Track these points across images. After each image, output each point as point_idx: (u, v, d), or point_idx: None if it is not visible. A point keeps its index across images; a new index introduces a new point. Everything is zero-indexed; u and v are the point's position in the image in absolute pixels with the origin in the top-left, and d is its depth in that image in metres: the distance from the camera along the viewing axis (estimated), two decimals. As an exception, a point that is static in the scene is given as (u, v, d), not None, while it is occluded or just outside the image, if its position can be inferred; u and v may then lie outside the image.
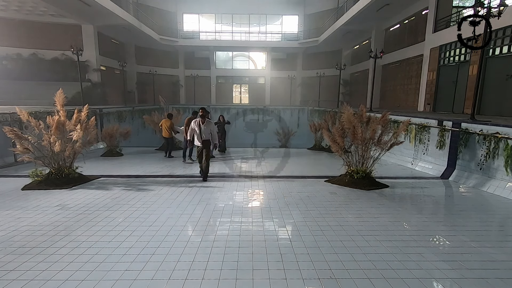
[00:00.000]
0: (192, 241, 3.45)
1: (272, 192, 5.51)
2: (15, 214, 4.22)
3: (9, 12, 18.00)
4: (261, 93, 29.36)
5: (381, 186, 5.86)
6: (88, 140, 6.38)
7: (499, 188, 5.42)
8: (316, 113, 19.30)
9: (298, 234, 3.69)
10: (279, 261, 3.01)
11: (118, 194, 5.24)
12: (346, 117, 5.88)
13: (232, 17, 28.20)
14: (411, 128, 8.03)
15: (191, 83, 27.97)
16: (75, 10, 16.75)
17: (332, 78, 24.29)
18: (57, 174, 5.76)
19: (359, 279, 2.70)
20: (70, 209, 4.46)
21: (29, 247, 3.26)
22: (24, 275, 2.71)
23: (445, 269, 2.89)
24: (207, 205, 4.73)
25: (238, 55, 30.10)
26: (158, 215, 4.25)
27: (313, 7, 26.69)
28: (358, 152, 5.97)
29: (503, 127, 5.51)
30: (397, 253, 3.20)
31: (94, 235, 3.58)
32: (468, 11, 12.17)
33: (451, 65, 12.59)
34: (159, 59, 27.10)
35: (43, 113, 8.23)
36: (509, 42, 9.59)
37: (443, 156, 7.00)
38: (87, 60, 18.81)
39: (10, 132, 5.35)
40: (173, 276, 2.72)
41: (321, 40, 24.03)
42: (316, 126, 11.37)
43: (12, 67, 18.51)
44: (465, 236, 3.67)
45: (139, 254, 3.13)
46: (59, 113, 5.89)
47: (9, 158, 7.73)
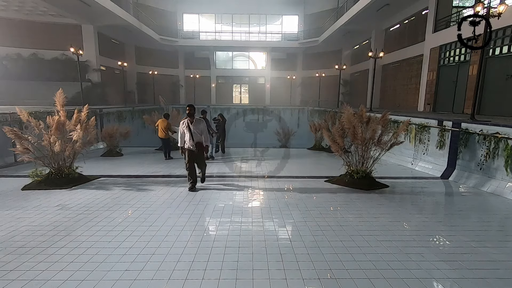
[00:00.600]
0: (192, 241, 3.45)
1: (272, 192, 5.51)
2: (15, 214, 4.22)
3: (9, 12, 18.01)
4: (261, 93, 29.37)
5: (381, 186, 5.86)
6: (88, 140, 6.37)
7: (499, 188, 5.42)
8: (316, 113, 19.30)
9: (298, 234, 3.69)
10: (279, 261, 3.01)
11: (118, 194, 5.24)
12: (346, 117, 5.87)
13: (232, 17, 28.21)
14: (411, 128, 8.03)
15: (191, 83, 27.97)
16: (75, 10, 16.76)
17: (332, 78, 24.31)
18: (57, 174, 5.76)
19: (359, 279, 2.70)
20: (70, 209, 4.46)
21: (29, 247, 3.26)
22: (24, 275, 2.71)
23: (445, 269, 2.89)
24: (207, 205, 4.73)
25: (238, 55, 30.11)
26: (158, 215, 4.25)
27: (313, 7, 26.70)
28: (358, 152, 5.97)
29: (503, 127, 5.51)
30: (397, 253, 3.20)
31: (94, 235, 3.58)
32: (468, 11, 12.18)
33: (451, 65, 12.59)
34: (159, 59, 27.11)
35: (43, 113, 8.24)
36: (509, 42, 9.59)
37: (443, 156, 7.00)
38: (87, 60, 18.82)
39: (10, 132, 5.35)
40: (173, 276, 2.72)
41: (321, 40, 24.03)
42: (316, 126, 11.36)
43: (12, 67, 18.50)
44: (465, 236, 3.67)
45: (139, 254, 3.13)
46: (59, 113, 5.89)
47: (9, 158, 7.74)
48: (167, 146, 9.26)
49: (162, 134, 9.18)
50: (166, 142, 9.27)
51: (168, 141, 9.35)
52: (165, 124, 9.16)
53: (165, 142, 9.28)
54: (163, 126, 9.13)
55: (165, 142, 9.28)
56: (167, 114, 9.67)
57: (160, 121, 9.31)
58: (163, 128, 9.13)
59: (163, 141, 9.31)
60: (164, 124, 9.16)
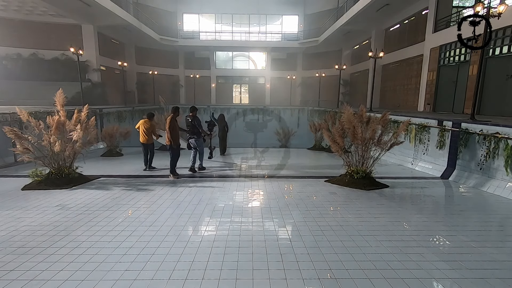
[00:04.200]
0: (192, 241, 3.45)
1: (272, 192, 5.51)
2: (15, 214, 4.22)
3: (9, 12, 18.02)
4: (261, 93, 29.37)
5: (381, 186, 5.86)
6: (88, 140, 6.38)
7: (499, 188, 5.42)
8: (316, 113, 19.30)
9: (298, 234, 3.69)
10: (279, 261, 3.01)
11: (118, 194, 5.24)
12: (346, 117, 5.87)
13: (232, 17, 28.21)
14: (411, 128, 8.03)
15: (191, 83, 27.97)
16: (75, 10, 16.76)
17: (332, 78, 24.30)
18: (57, 174, 5.76)
19: (359, 279, 2.70)
20: (70, 209, 4.46)
21: (29, 247, 3.26)
22: (24, 275, 2.71)
23: (445, 269, 2.89)
24: (207, 205, 4.73)
25: (238, 55, 30.11)
26: (158, 215, 4.25)
27: (313, 7, 26.72)
28: (358, 152, 5.97)
29: (503, 127, 5.51)
30: (397, 253, 3.20)
31: (94, 235, 3.58)
32: (468, 11, 12.17)
33: (451, 65, 12.59)
34: (159, 59, 27.12)
35: (43, 113, 8.23)
36: (509, 42, 9.59)
37: (443, 156, 7.00)
38: (87, 60, 18.82)
39: (10, 132, 5.35)
40: (173, 276, 2.72)
41: (321, 40, 24.03)
42: (316, 126, 11.36)
43: (12, 67, 18.51)
44: (465, 236, 3.67)
45: (139, 254, 3.13)
46: (59, 113, 5.89)
47: (9, 158, 7.73)
48: (150, 153, 7.36)
49: (144, 138, 7.23)
50: (149, 148, 7.34)
51: (152, 147, 7.44)
52: (148, 125, 7.26)
53: (147, 148, 7.33)
54: (145, 128, 7.23)
55: (149, 148, 7.33)
56: (151, 113, 7.60)
57: (142, 122, 7.32)
58: (145, 130, 7.22)
59: (145, 147, 7.33)
60: (147, 125, 7.26)
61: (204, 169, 7.33)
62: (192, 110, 7.12)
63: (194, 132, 7.09)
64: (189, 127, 7.13)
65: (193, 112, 7.07)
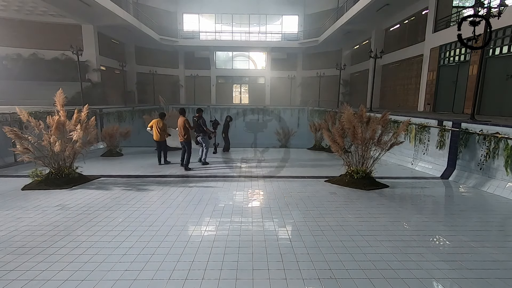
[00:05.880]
0: (192, 241, 3.45)
1: (272, 192, 5.51)
2: (15, 214, 4.22)
3: (9, 12, 17.99)
4: (261, 93, 29.34)
5: (381, 186, 5.86)
6: (88, 140, 6.38)
7: (499, 188, 5.42)
8: (316, 113, 19.30)
9: (298, 234, 3.69)
10: (279, 261, 3.01)
11: (118, 194, 5.24)
12: (346, 117, 5.88)
13: (232, 17, 28.18)
14: (411, 128, 8.03)
15: (191, 83, 27.97)
16: (75, 10, 16.75)
17: (332, 78, 24.28)
18: (57, 174, 5.76)
19: (359, 279, 2.70)
20: (70, 209, 4.46)
21: (29, 247, 3.26)
22: (24, 275, 2.71)
23: (445, 269, 2.89)
24: (207, 205, 4.73)
25: (238, 55, 30.08)
26: (158, 215, 4.25)
27: (313, 7, 26.68)
28: (358, 152, 5.97)
29: (503, 127, 5.51)
30: (397, 253, 3.20)
31: (94, 235, 3.58)
32: (468, 11, 12.17)
33: (451, 65, 12.59)
34: (159, 59, 27.08)
35: (43, 113, 8.23)
36: (509, 42, 9.58)
37: (443, 156, 7.00)
38: (87, 60, 18.80)
39: (10, 132, 5.35)
40: (173, 276, 2.72)
41: (321, 40, 24.02)
42: (316, 126, 11.36)
43: (12, 67, 18.48)
44: (465, 236, 3.67)
45: (139, 254, 3.13)
46: (59, 113, 5.89)
47: (9, 158, 7.73)
48: (164, 150, 8.17)
49: (157, 136, 8.04)
50: (162, 145, 8.17)
51: (165, 144, 8.28)
52: (160, 124, 8.10)
53: (161, 145, 8.15)
54: (159, 127, 8.05)
55: (161, 145, 8.16)
56: (163, 113, 8.58)
57: (155, 121, 8.16)
58: (159, 129, 8.03)
59: (159, 145, 8.15)
60: (160, 124, 8.09)
61: (208, 164, 8.07)
62: (198, 111, 8.06)
63: (201, 131, 8.01)
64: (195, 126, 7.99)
65: (199, 113, 8.01)
